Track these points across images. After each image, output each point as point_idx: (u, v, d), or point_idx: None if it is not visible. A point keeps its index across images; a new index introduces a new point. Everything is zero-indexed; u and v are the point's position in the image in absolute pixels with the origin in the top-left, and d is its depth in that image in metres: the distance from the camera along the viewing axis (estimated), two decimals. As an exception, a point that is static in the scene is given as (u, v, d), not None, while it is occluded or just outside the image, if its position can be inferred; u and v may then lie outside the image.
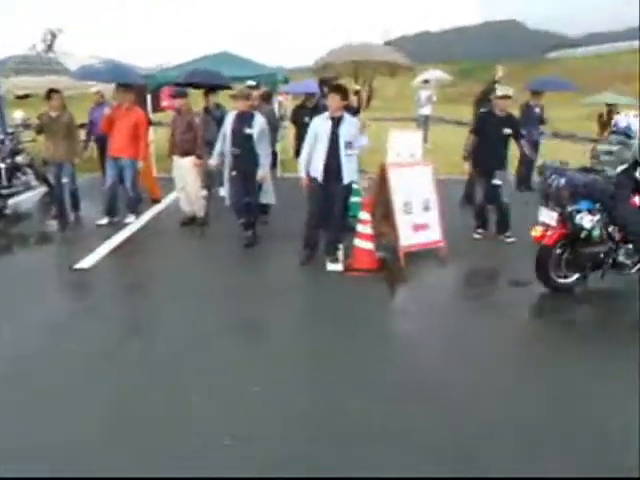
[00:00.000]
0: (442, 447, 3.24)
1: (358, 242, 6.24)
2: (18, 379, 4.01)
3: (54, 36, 39.05)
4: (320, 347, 4.53)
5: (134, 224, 8.07)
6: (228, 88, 9.01)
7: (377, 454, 3.17)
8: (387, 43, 43.24)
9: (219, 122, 7.69)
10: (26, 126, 9.96)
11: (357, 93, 8.24)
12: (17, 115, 10.56)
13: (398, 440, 3.30)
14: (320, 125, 6.13)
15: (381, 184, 6.74)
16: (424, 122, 16.61)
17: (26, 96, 13.46)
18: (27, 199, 9.82)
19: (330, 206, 6.22)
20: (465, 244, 7.13)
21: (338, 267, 6.21)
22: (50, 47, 34.36)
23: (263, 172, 6.86)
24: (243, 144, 6.74)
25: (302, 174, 6.27)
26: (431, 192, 6.79)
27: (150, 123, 9.58)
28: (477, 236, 7.42)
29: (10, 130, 10.03)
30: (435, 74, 20.34)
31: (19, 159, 9.50)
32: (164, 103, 12.16)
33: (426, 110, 16.88)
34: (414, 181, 6.68)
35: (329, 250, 6.35)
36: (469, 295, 5.78)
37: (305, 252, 6.43)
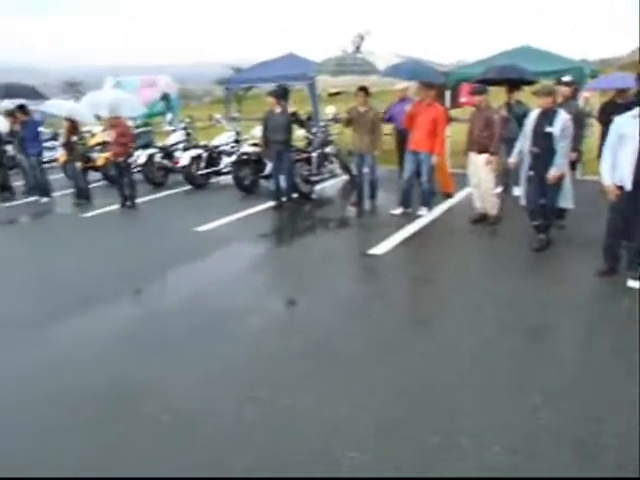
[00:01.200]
0: None
1: (670, 258, 5.49)
2: (315, 355, 4.48)
3: (362, 38, 42.03)
4: (610, 371, 4.15)
5: (426, 217, 8.33)
6: (532, 84, 8.68)
7: None
8: None
9: (520, 119, 7.46)
10: (336, 120, 10.94)
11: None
12: (329, 110, 11.62)
13: None
14: (627, 125, 5.40)
15: None
16: None
17: (337, 93, 14.77)
18: (331, 186, 10.87)
19: (637, 215, 5.57)
20: None
21: (641, 284, 5.56)
22: (358, 49, 37.11)
23: (555, 171, 6.41)
24: (543, 143, 6.42)
25: (606, 182, 5.59)
26: None
27: (450, 119, 9.75)
28: None
29: (322, 124, 11.18)
30: None
31: (327, 149, 10.61)
32: (462, 99, 12.21)
33: None
34: None
35: (631, 264, 5.70)
36: None
37: (604, 264, 5.89)
